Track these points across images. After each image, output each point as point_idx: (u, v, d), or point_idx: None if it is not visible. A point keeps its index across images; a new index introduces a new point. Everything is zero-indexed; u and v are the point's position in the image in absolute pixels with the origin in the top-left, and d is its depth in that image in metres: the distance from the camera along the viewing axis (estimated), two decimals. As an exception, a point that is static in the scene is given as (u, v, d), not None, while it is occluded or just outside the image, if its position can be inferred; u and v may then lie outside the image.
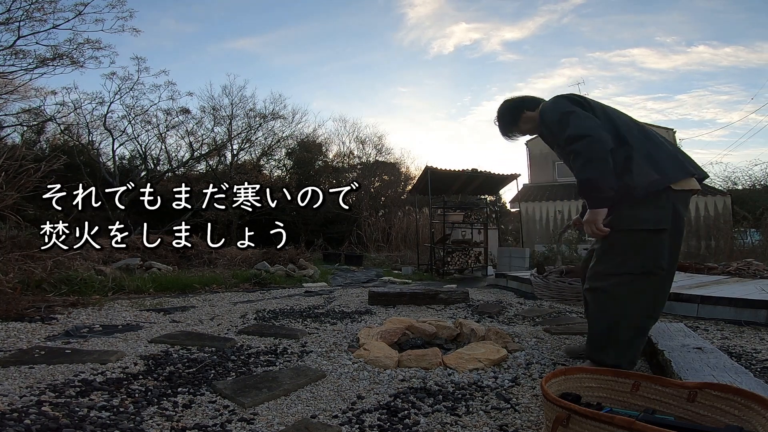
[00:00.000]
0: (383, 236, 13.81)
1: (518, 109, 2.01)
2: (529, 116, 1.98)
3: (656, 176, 1.65)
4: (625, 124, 1.76)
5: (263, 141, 17.57)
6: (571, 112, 1.70)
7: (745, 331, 2.58)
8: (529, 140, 17.43)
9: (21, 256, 3.82)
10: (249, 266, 6.84)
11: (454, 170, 8.52)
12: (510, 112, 2.04)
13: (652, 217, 1.66)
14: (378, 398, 1.60)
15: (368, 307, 3.75)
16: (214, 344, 2.36)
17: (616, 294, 1.70)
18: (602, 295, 1.73)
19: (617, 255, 1.71)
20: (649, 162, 1.67)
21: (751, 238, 9.50)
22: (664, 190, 1.66)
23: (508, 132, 2.09)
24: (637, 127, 1.78)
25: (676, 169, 1.69)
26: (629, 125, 1.77)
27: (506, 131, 2.09)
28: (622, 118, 1.80)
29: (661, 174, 1.66)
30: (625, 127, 1.74)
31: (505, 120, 2.06)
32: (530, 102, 2.00)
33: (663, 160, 1.69)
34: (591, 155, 1.62)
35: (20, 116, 13.03)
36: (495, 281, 6.23)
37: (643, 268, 1.67)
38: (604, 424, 0.95)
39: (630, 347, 1.70)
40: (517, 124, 2.03)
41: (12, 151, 3.93)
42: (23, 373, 1.78)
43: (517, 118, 2.01)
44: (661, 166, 1.67)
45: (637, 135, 1.74)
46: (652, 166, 1.67)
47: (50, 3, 10.92)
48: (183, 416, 1.42)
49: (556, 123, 1.75)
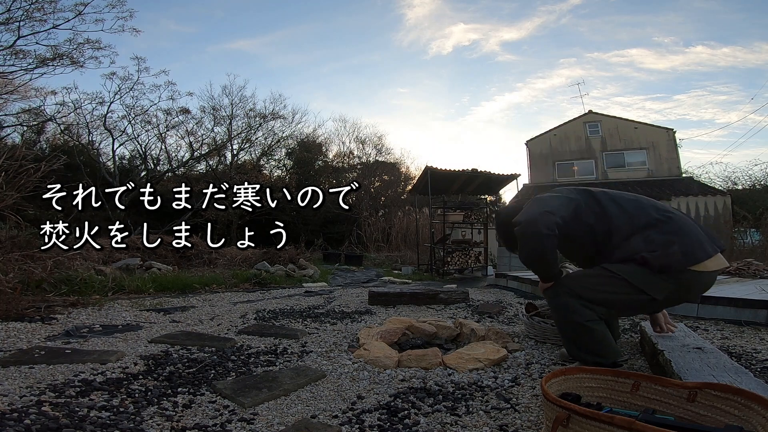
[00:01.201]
0: (383, 236, 13.80)
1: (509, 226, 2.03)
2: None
3: (678, 257, 1.66)
4: (648, 206, 1.81)
5: (263, 141, 17.58)
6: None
7: (745, 331, 2.58)
8: (529, 140, 17.44)
9: (21, 256, 3.82)
10: (249, 266, 6.85)
11: (454, 170, 8.52)
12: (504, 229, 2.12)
13: (649, 284, 1.68)
14: (378, 398, 1.60)
15: (368, 307, 3.75)
16: (214, 344, 2.36)
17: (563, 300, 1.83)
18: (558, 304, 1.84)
19: (594, 278, 1.78)
20: (670, 240, 1.68)
21: (751, 238, 9.49)
22: (682, 270, 1.67)
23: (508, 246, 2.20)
24: (657, 207, 1.82)
25: (698, 250, 1.69)
26: (651, 205, 1.82)
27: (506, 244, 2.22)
28: (642, 200, 1.85)
29: (684, 254, 1.66)
30: (646, 207, 1.80)
31: (506, 237, 2.16)
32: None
33: (688, 243, 1.69)
34: (524, 238, 1.79)
35: (20, 116, 13.04)
36: (495, 281, 6.23)
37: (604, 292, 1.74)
38: (604, 424, 0.95)
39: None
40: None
41: (12, 151, 3.93)
42: (23, 373, 1.78)
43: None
44: (686, 247, 1.68)
45: (657, 214, 1.77)
46: (676, 245, 1.67)
47: (50, 3, 10.93)
48: (183, 416, 1.42)
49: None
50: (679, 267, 1.65)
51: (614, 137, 16.42)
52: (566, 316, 1.78)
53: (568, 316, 1.77)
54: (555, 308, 1.85)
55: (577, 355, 1.80)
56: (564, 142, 16.97)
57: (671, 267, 1.65)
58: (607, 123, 16.66)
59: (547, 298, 1.92)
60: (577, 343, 1.78)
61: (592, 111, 17.11)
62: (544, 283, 1.90)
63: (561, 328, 1.87)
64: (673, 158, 15.83)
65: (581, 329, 1.74)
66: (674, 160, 15.82)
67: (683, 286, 1.71)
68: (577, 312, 1.74)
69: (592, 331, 1.73)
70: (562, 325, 1.84)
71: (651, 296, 1.69)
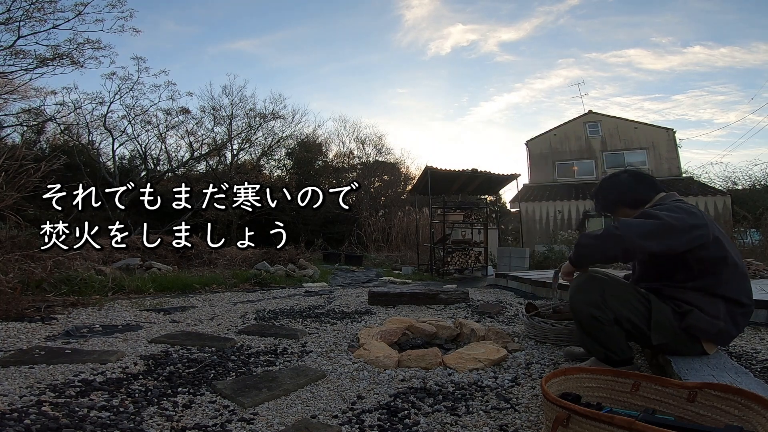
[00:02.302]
0: (383, 236, 13.81)
1: (617, 201, 1.92)
2: (626, 212, 1.88)
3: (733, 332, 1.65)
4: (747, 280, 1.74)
5: (263, 141, 17.58)
6: (653, 216, 1.60)
7: (745, 331, 2.58)
8: (529, 140, 17.44)
9: (21, 256, 3.82)
10: (249, 266, 6.85)
11: (454, 170, 8.52)
12: (609, 199, 1.95)
13: (661, 328, 1.64)
14: (378, 398, 1.60)
15: (368, 307, 3.75)
16: (214, 344, 2.36)
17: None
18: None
19: (624, 289, 1.72)
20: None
21: (751, 238, 9.49)
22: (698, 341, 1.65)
23: (600, 211, 2.08)
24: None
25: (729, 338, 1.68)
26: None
27: (599, 209, 2.06)
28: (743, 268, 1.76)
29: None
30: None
31: (602, 202, 1.99)
32: (637, 196, 1.86)
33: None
34: (617, 235, 1.57)
35: (20, 116, 13.04)
36: (495, 281, 6.23)
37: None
38: (604, 424, 0.95)
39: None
40: (613, 212, 1.96)
41: (12, 151, 3.93)
42: (23, 373, 1.78)
43: (612, 208, 1.95)
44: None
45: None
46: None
47: (50, 3, 10.93)
48: (183, 416, 1.41)
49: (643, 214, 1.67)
50: (703, 337, 1.64)
51: (614, 137, 16.43)
52: (584, 309, 1.71)
53: (586, 309, 1.69)
54: (577, 291, 1.75)
55: (589, 346, 1.76)
56: (564, 142, 16.98)
57: (700, 334, 1.63)
58: (607, 123, 16.67)
59: (572, 281, 1.82)
60: (590, 333, 1.72)
61: (592, 111, 17.12)
62: (572, 267, 1.78)
63: (576, 316, 1.78)
64: (673, 158, 15.84)
65: (595, 322, 1.69)
66: (674, 160, 15.83)
67: (684, 347, 1.69)
68: (596, 307, 1.68)
69: (604, 326, 1.68)
70: (579, 315, 1.75)
71: (649, 335, 1.65)
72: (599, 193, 1.99)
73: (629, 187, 1.87)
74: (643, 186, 1.86)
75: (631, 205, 1.85)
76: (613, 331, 1.68)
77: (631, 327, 1.67)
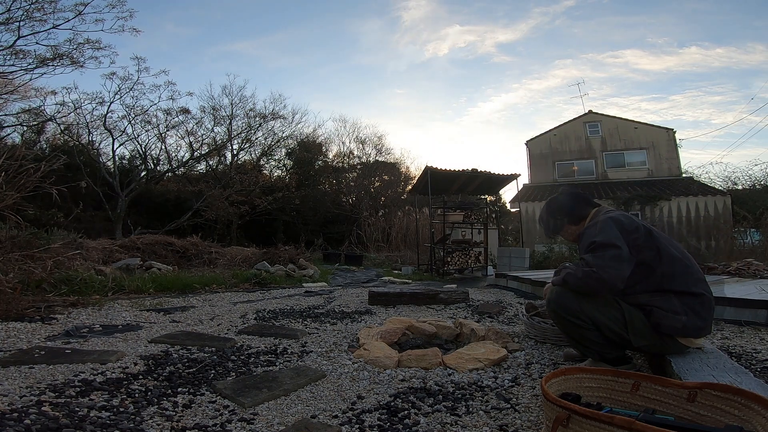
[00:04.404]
0: (383, 236, 13.80)
1: (561, 221, 2.03)
2: (570, 229, 2.01)
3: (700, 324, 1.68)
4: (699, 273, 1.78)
5: (263, 141, 17.58)
6: (609, 246, 1.66)
7: (745, 331, 2.58)
8: (529, 140, 17.43)
9: (21, 256, 3.82)
10: (249, 266, 6.84)
11: (454, 170, 8.52)
12: (554, 220, 2.07)
13: (637, 330, 1.69)
14: (378, 398, 1.60)
15: (368, 307, 3.75)
16: (214, 344, 2.36)
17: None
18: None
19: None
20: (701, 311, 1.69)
21: (751, 238, 9.50)
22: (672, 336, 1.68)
23: (549, 234, 2.16)
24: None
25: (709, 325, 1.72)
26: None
27: (548, 233, 2.15)
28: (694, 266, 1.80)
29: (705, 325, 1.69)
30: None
31: (548, 225, 2.10)
32: (577, 213, 1.98)
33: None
34: (590, 278, 1.65)
35: (20, 116, 13.03)
36: (495, 281, 6.22)
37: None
38: (604, 424, 0.95)
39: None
40: (559, 232, 2.07)
41: (12, 151, 3.93)
42: (23, 373, 1.78)
43: (559, 228, 2.05)
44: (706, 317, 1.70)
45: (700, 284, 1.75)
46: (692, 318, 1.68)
47: (50, 3, 10.93)
48: (183, 416, 1.41)
49: (585, 246, 1.74)
50: (676, 334, 1.68)
51: (614, 137, 16.43)
52: (563, 317, 1.78)
53: (565, 317, 1.77)
54: (554, 301, 1.82)
55: (581, 349, 1.82)
56: (564, 142, 16.97)
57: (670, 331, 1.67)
58: (607, 123, 16.67)
59: (548, 292, 1.90)
60: (575, 338, 1.79)
61: (593, 111, 17.12)
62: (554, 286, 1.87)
63: (558, 325, 1.87)
64: (673, 158, 15.84)
65: (576, 328, 1.75)
66: (674, 160, 15.83)
67: (665, 346, 1.73)
68: (574, 315, 1.75)
69: (586, 330, 1.74)
70: (560, 323, 1.83)
71: (629, 339, 1.70)
72: (549, 217, 2.09)
73: (571, 207, 2.01)
74: (581, 204, 2.01)
75: (575, 222, 1.99)
76: (596, 333, 1.74)
77: (610, 333, 1.72)
